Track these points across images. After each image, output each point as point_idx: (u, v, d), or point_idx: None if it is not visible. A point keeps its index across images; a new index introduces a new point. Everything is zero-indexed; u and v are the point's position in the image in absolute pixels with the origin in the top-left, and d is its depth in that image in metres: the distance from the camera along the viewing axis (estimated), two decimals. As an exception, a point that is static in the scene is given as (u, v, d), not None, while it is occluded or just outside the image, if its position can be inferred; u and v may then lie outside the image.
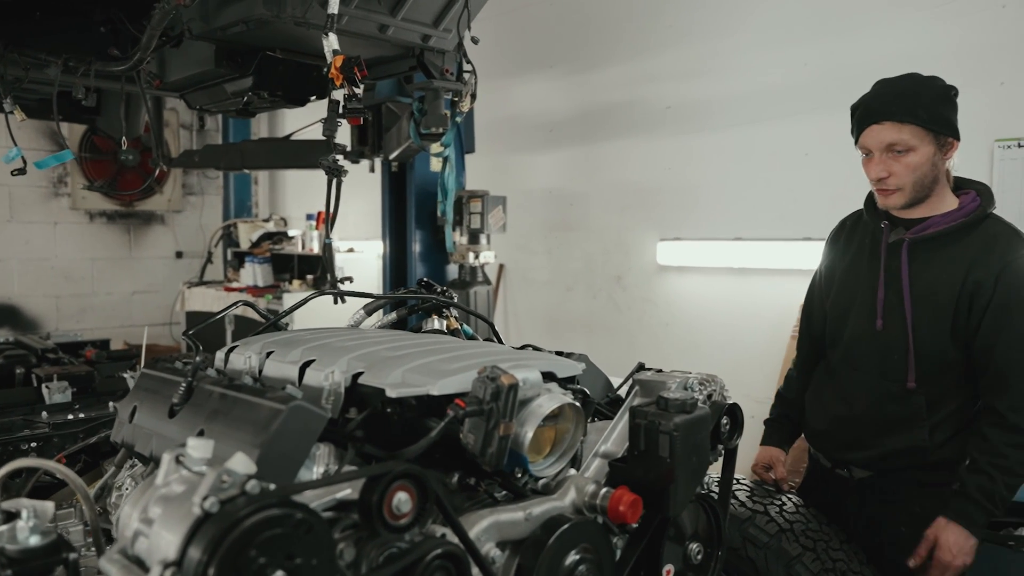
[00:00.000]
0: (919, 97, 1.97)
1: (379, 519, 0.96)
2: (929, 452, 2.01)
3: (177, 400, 1.32)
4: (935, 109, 1.96)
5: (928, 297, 2.00)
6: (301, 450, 1.13)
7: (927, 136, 1.95)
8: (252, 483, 0.88)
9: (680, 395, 1.32)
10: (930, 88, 2.00)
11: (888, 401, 2.06)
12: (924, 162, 1.96)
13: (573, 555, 1.20)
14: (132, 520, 0.95)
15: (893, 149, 1.98)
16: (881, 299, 2.05)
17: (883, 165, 1.99)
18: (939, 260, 1.99)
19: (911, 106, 1.95)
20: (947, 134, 1.97)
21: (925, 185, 1.99)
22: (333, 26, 2.18)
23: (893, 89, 2.02)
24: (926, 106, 1.95)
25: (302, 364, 1.38)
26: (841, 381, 2.17)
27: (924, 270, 2.01)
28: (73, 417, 2.60)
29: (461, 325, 1.86)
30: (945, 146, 1.98)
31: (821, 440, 2.24)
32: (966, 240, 1.98)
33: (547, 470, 1.27)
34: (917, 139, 1.95)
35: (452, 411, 1.13)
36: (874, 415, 2.08)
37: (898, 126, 1.96)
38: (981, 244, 1.96)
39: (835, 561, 1.96)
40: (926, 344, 2.00)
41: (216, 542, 0.81)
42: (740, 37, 4.27)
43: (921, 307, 2.01)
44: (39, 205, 6.86)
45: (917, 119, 1.95)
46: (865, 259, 2.13)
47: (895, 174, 1.99)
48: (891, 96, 2.01)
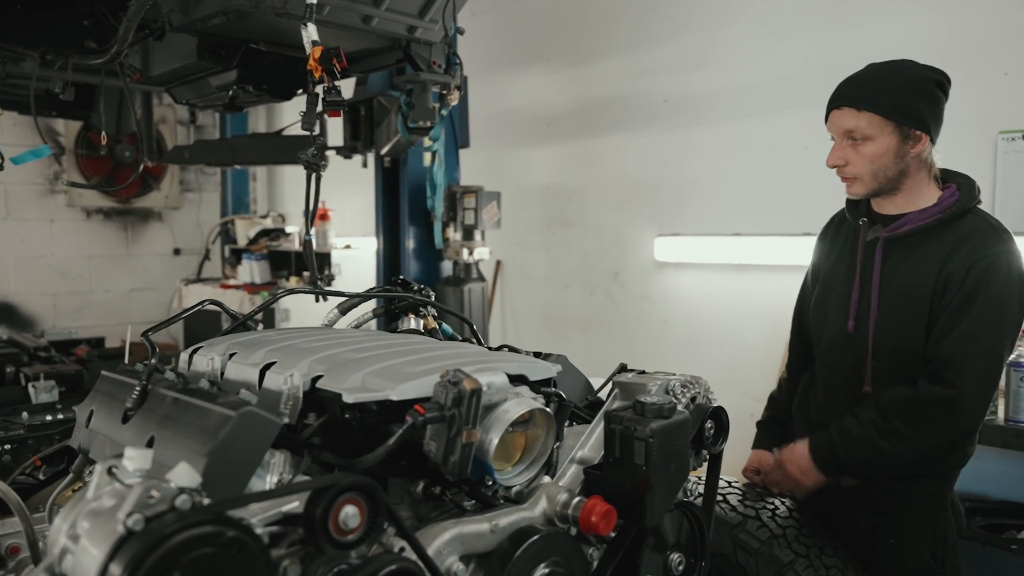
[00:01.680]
0: (888, 85, 1.87)
1: (324, 535, 0.90)
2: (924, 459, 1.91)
3: (131, 404, 1.27)
4: (902, 99, 1.85)
5: (901, 296, 1.91)
6: (252, 458, 1.07)
7: (887, 126, 1.85)
8: (183, 498, 0.82)
9: (658, 399, 1.25)
10: (906, 77, 1.89)
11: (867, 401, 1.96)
12: (883, 153, 1.87)
13: (542, 569, 1.14)
14: (61, 535, 0.89)
15: (851, 136, 1.90)
16: (855, 300, 1.97)
17: (840, 152, 1.93)
18: (913, 259, 1.91)
19: (873, 93, 1.86)
20: (912, 126, 1.86)
21: (888, 177, 1.90)
22: (312, 16, 2.12)
23: (865, 75, 1.94)
24: (893, 95, 1.85)
25: (263, 366, 1.32)
26: (821, 387, 2.09)
27: (897, 269, 1.93)
28: (52, 418, 2.56)
29: (440, 324, 1.80)
30: (911, 138, 1.87)
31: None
32: (942, 237, 1.88)
33: (516, 479, 1.21)
34: (876, 128, 1.86)
35: (411, 417, 1.07)
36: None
37: (855, 113, 1.87)
38: (956, 240, 1.86)
39: (828, 568, 1.89)
40: (895, 346, 1.92)
41: (136, 562, 0.75)
42: (738, 29, 4.19)
43: (892, 308, 1.92)
44: (35, 202, 6.81)
45: (877, 107, 1.85)
46: (845, 258, 2.05)
47: (851, 163, 1.91)
48: (857, 82, 1.92)
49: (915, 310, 1.88)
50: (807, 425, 2.12)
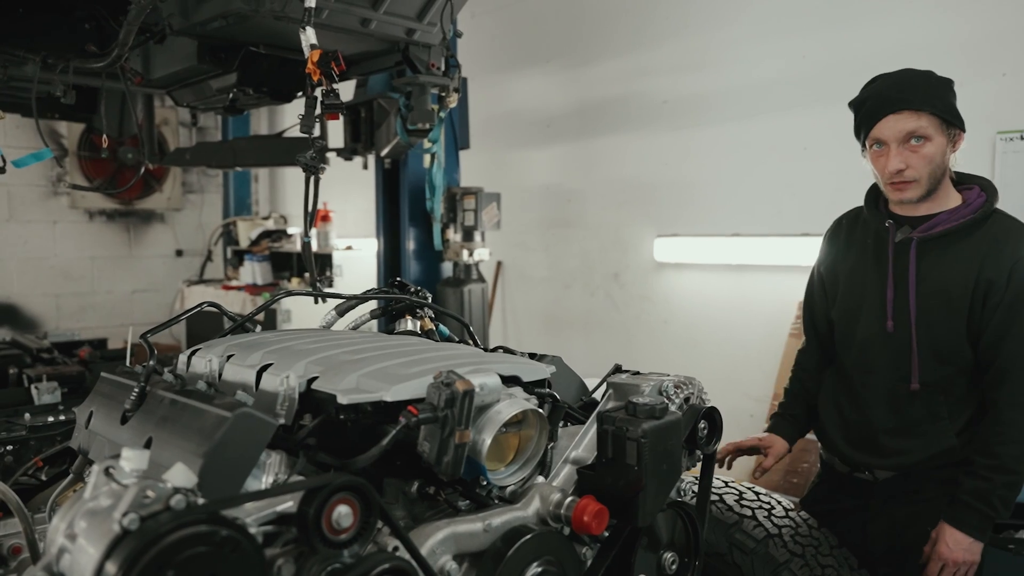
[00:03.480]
0: (931, 87, 1.93)
1: (317, 534, 0.91)
2: (957, 452, 1.97)
3: (129, 406, 1.28)
4: (947, 99, 1.93)
5: (939, 295, 1.95)
6: (248, 459, 1.09)
7: (941, 126, 1.92)
8: (177, 498, 0.83)
9: (650, 400, 1.26)
10: (939, 81, 1.96)
11: (906, 404, 2.00)
12: (938, 153, 1.92)
13: (535, 568, 1.15)
14: (58, 534, 0.91)
15: (911, 139, 1.91)
16: (891, 300, 2.00)
17: (901, 157, 1.92)
18: (949, 258, 1.95)
19: (927, 96, 1.91)
20: (958, 125, 1.94)
21: (936, 178, 1.95)
22: (310, 20, 2.14)
23: (904, 79, 1.97)
24: (941, 96, 1.92)
25: (259, 368, 1.33)
26: (855, 386, 2.11)
27: (934, 268, 1.96)
28: (55, 419, 2.58)
29: (436, 326, 1.81)
30: (954, 138, 1.94)
31: (838, 446, 2.16)
32: (975, 237, 1.93)
33: (509, 478, 1.22)
34: (934, 129, 1.91)
35: (404, 418, 1.09)
36: (894, 419, 2.03)
37: (917, 115, 1.90)
38: (991, 241, 1.91)
39: (824, 568, 1.90)
40: (938, 343, 1.96)
41: (131, 561, 0.77)
42: (737, 29, 4.20)
43: (931, 306, 1.96)
44: (38, 204, 6.84)
45: (935, 108, 1.90)
46: (871, 259, 2.06)
47: (912, 166, 1.92)
48: (907, 85, 1.95)
49: (954, 307, 1.93)
50: (841, 422, 2.15)
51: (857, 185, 2.34)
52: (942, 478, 1.99)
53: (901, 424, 2.02)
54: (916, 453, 2.00)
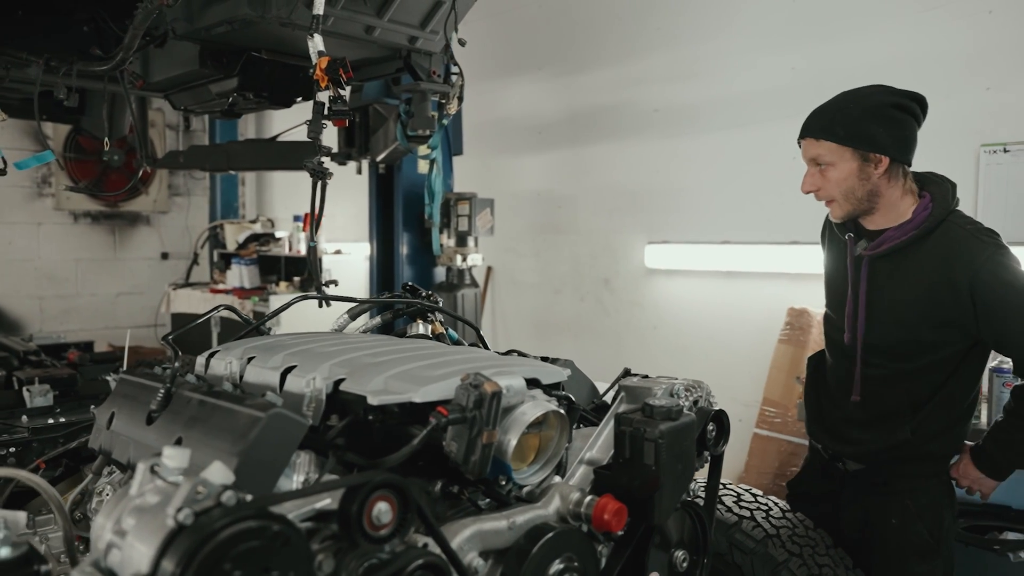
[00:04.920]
0: (844, 113, 2.00)
1: (358, 530, 0.94)
2: (916, 446, 2.08)
3: (155, 407, 1.30)
4: (858, 126, 1.97)
5: (891, 312, 2.04)
6: (281, 459, 1.12)
7: (845, 152, 1.98)
8: (228, 494, 0.86)
9: (666, 402, 1.30)
10: (863, 104, 2.00)
11: (871, 404, 2.13)
12: (846, 177, 1.99)
13: (557, 564, 1.18)
14: (105, 531, 0.93)
15: (817, 164, 2.03)
16: (849, 313, 2.12)
17: (810, 179, 2.06)
18: (900, 275, 2.03)
19: (828, 123, 2.00)
20: (870, 150, 1.97)
21: (859, 198, 2.02)
22: (318, 27, 2.17)
23: (826, 105, 2.07)
24: (848, 123, 1.97)
25: (283, 370, 1.36)
26: (829, 380, 2.27)
27: (887, 286, 2.06)
28: (54, 421, 2.57)
29: (446, 329, 1.85)
30: (872, 161, 1.98)
31: (815, 433, 2.32)
32: (923, 250, 2.00)
33: (531, 478, 1.25)
34: (836, 155, 1.99)
35: (435, 419, 1.12)
36: (860, 416, 2.15)
37: (816, 142, 2.02)
38: (942, 254, 1.98)
39: (821, 567, 1.96)
40: (895, 357, 2.07)
41: (190, 555, 0.80)
42: (728, 41, 4.28)
43: (883, 323, 2.06)
44: (23, 205, 6.78)
45: (833, 136, 1.98)
46: (840, 268, 2.20)
47: (822, 188, 2.04)
48: (819, 113, 2.05)
49: (907, 323, 2.02)
50: (818, 410, 2.30)
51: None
52: (905, 472, 2.12)
53: (864, 416, 2.14)
54: (875, 443, 2.12)
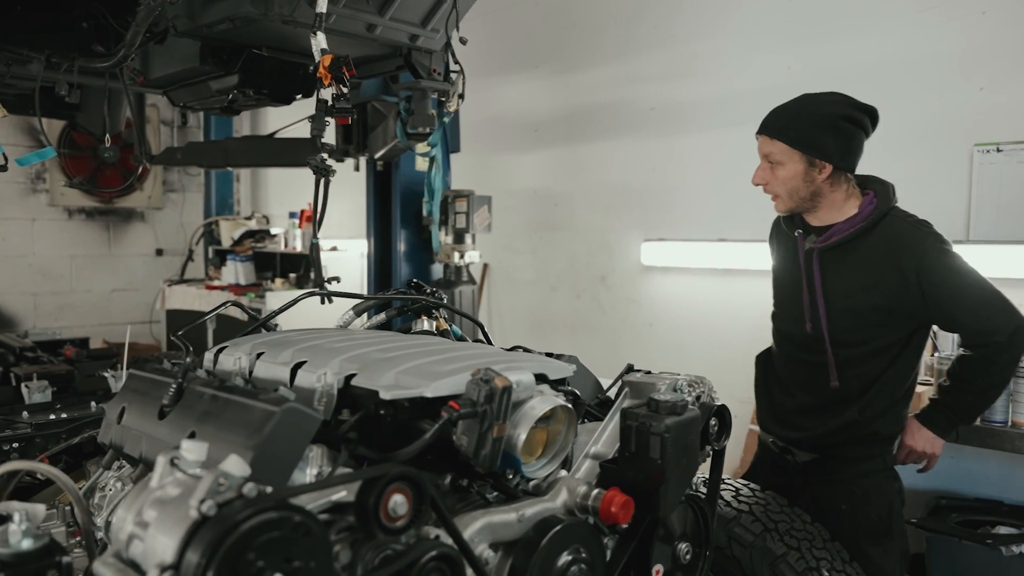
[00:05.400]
0: (797, 118, 2.16)
1: (375, 521, 0.96)
2: (862, 426, 2.21)
3: (167, 401, 1.32)
4: (808, 132, 2.13)
5: (844, 299, 2.18)
6: (294, 452, 1.13)
7: (795, 154, 2.14)
8: (249, 486, 0.88)
9: (671, 397, 1.33)
10: (814, 112, 2.15)
11: (822, 391, 2.26)
12: (793, 177, 2.16)
13: (565, 556, 1.21)
14: (127, 523, 0.95)
15: (768, 160, 2.19)
16: (806, 304, 2.25)
17: (760, 173, 2.23)
18: (849, 264, 2.18)
19: (783, 125, 2.16)
20: (816, 156, 2.12)
21: (802, 197, 2.19)
22: (321, 25, 2.18)
23: (784, 107, 2.22)
24: (800, 128, 2.14)
25: (293, 365, 1.38)
26: (780, 373, 2.39)
27: (837, 275, 2.20)
28: (56, 417, 2.57)
29: (450, 326, 1.87)
30: (817, 167, 2.14)
31: (770, 425, 2.43)
32: (869, 241, 2.16)
33: (539, 471, 1.28)
34: (785, 156, 2.15)
35: (446, 413, 1.14)
36: (812, 403, 2.29)
37: (770, 140, 2.18)
38: (887, 244, 2.14)
39: (819, 560, 1.98)
40: (847, 343, 2.20)
41: (214, 545, 0.81)
42: (724, 40, 4.30)
43: (838, 310, 2.20)
44: (17, 201, 6.76)
45: (785, 137, 2.15)
46: (789, 264, 2.32)
47: (770, 183, 2.21)
48: (776, 114, 2.21)
49: (856, 310, 2.17)
50: (771, 404, 2.43)
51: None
52: (852, 456, 2.26)
53: (818, 405, 2.28)
54: (824, 426, 2.25)
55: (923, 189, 3.58)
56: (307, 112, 3.79)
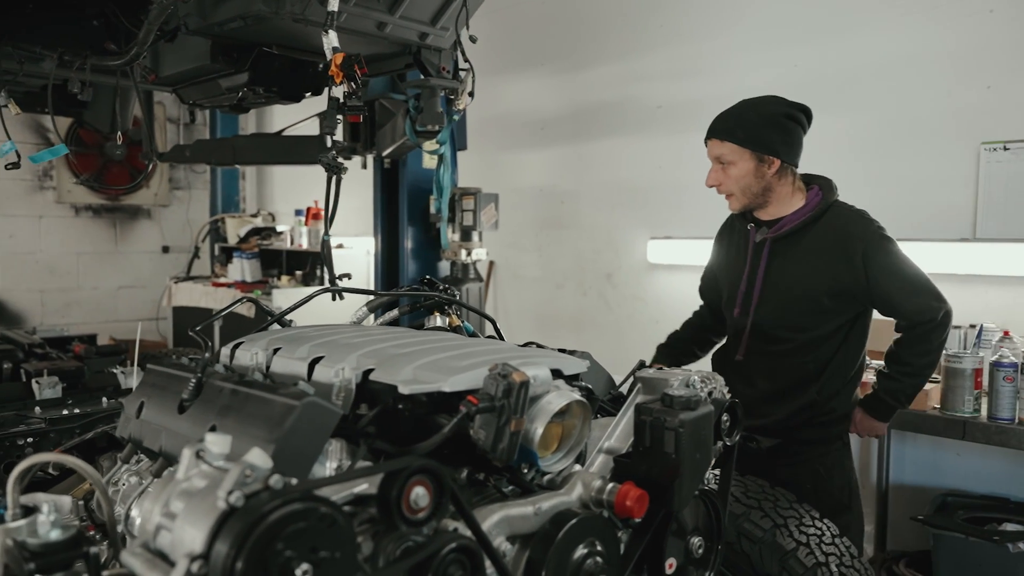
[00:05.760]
0: (743, 119, 2.34)
1: (398, 513, 0.98)
2: (820, 406, 2.38)
3: (187, 396, 1.33)
4: (755, 131, 2.31)
5: (791, 285, 2.35)
6: (315, 446, 1.15)
7: (744, 152, 2.31)
8: (275, 478, 0.89)
9: (684, 392, 1.34)
10: (760, 112, 2.34)
11: (780, 372, 2.41)
12: (745, 174, 2.33)
13: (581, 549, 1.22)
14: (154, 514, 0.96)
15: (719, 161, 2.37)
16: (742, 291, 2.44)
17: (714, 175, 2.41)
18: (800, 251, 2.36)
19: (731, 127, 2.34)
20: (764, 152, 2.30)
21: (755, 193, 2.36)
22: (333, 23, 2.19)
23: (729, 111, 2.40)
24: (747, 128, 2.32)
25: (311, 361, 1.39)
26: (736, 362, 2.51)
27: (787, 262, 2.37)
28: (68, 412, 2.59)
29: (463, 322, 1.88)
30: (765, 162, 2.31)
31: None
32: (818, 229, 2.34)
33: (555, 466, 1.29)
34: (736, 155, 2.33)
35: (465, 407, 1.15)
36: (771, 389, 2.43)
37: (720, 143, 2.36)
38: (835, 231, 2.31)
39: (828, 555, 2.00)
40: (790, 322, 2.37)
41: (243, 536, 0.83)
42: (731, 38, 4.31)
43: (777, 295, 2.37)
44: (24, 198, 6.79)
45: (734, 137, 2.32)
46: (738, 257, 2.49)
47: (723, 183, 2.38)
48: (722, 117, 2.40)
49: (808, 294, 2.33)
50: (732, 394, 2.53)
51: (844, 190, 2.47)
52: (813, 438, 2.42)
53: (775, 389, 2.42)
54: (785, 409, 2.40)
55: (930, 187, 3.60)
56: (313, 110, 3.81)
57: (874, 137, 3.77)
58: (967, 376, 2.85)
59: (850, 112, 3.83)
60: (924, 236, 3.44)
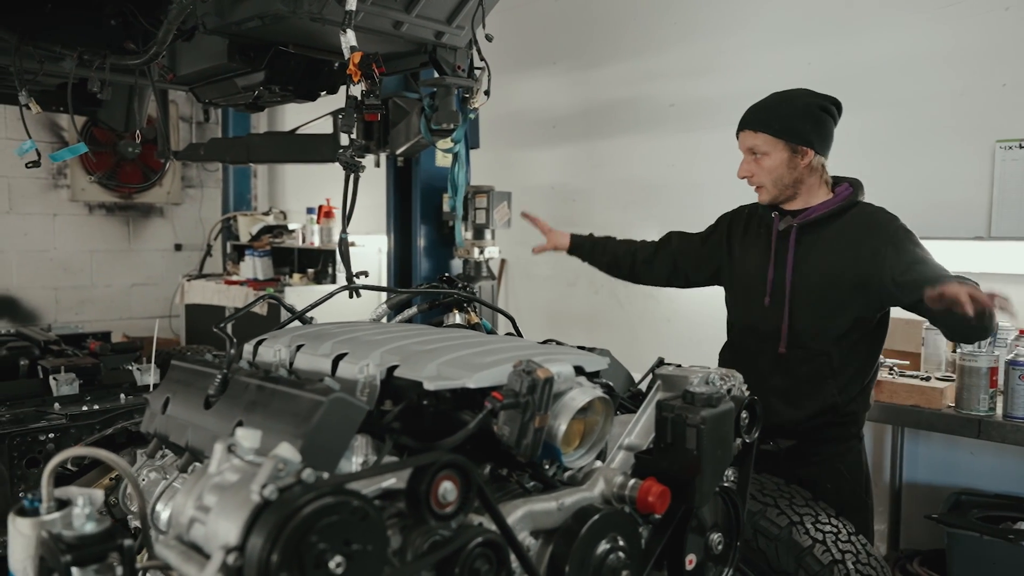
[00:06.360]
0: (777, 111, 2.34)
1: (427, 507, 0.99)
2: (840, 407, 2.33)
3: (213, 391, 1.35)
4: (789, 122, 2.32)
5: (814, 273, 2.32)
6: (342, 441, 1.16)
7: (779, 143, 2.32)
8: (308, 472, 0.91)
9: (706, 389, 1.35)
10: (794, 104, 2.35)
11: (795, 366, 2.35)
12: (778, 166, 2.33)
13: (604, 544, 1.23)
14: (187, 508, 0.98)
15: (753, 153, 2.37)
16: (770, 280, 2.39)
17: (746, 166, 2.41)
18: (825, 238, 2.34)
19: (766, 118, 2.34)
20: (798, 143, 2.31)
21: (786, 184, 2.36)
22: (351, 23, 2.21)
23: (762, 103, 2.40)
24: (781, 118, 2.32)
25: (335, 357, 1.41)
26: (748, 356, 2.47)
27: (811, 250, 2.35)
28: (88, 409, 2.62)
29: (481, 320, 1.89)
30: (799, 153, 2.32)
31: None
32: (843, 220, 2.34)
33: (577, 462, 1.30)
34: (770, 146, 2.33)
35: (490, 404, 1.16)
36: (783, 381, 2.37)
37: (754, 134, 2.36)
38: (862, 221, 2.31)
39: (844, 553, 2.00)
40: (815, 313, 2.32)
41: (278, 528, 0.84)
42: (744, 36, 4.31)
43: (806, 284, 2.33)
44: (38, 197, 6.83)
45: (769, 129, 2.32)
46: (761, 247, 2.46)
47: (755, 174, 2.38)
48: (753, 109, 2.40)
49: (839, 279, 2.28)
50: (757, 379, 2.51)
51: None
52: (832, 437, 2.38)
53: (790, 385, 2.36)
54: (804, 410, 2.35)
55: (945, 185, 3.59)
56: (325, 108, 3.81)
57: (888, 135, 3.76)
58: (982, 375, 2.84)
59: (864, 110, 3.82)
60: (938, 234, 3.43)
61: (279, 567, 0.83)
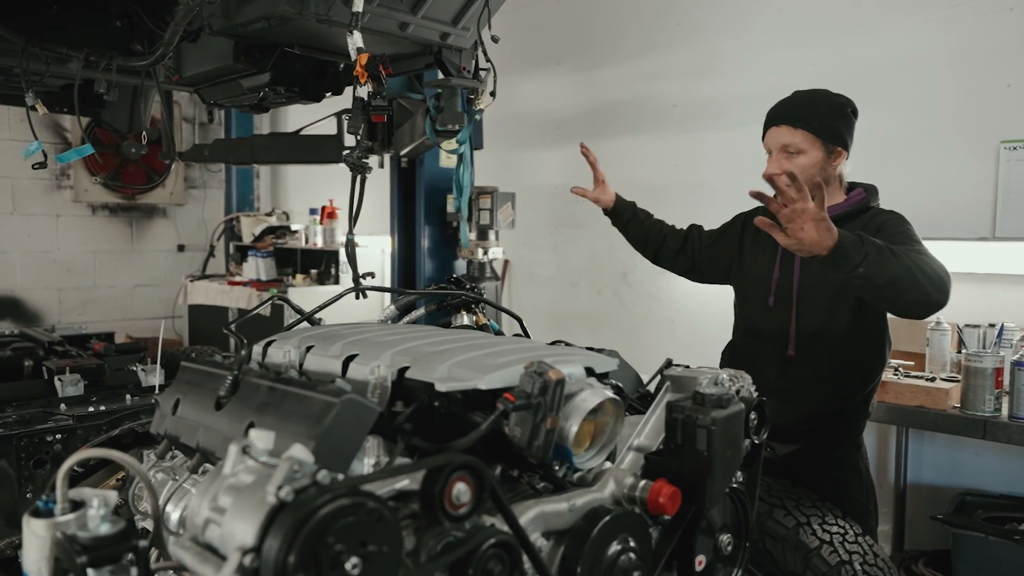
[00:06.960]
0: (815, 107, 2.26)
1: (440, 509, 0.99)
2: (839, 413, 2.32)
3: (224, 393, 1.35)
4: (828, 120, 2.24)
5: (821, 277, 2.22)
6: (354, 443, 1.16)
7: (817, 142, 2.24)
8: (323, 473, 0.91)
9: (716, 390, 1.35)
10: (828, 102, 2.28)
11: (793, 367, 2.33)
12: (812, 164, 2.24)
13: (615, 545, 1.23)
14: (202, 509, 0.98)
15: (787, 150, 2.26)
16: (775, 281, 2.36)
17: (776, 164, 2.27)
18: None
19: (806, 114, 2.24)
20: (835, 143, 2.25)
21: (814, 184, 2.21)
22: (358, 24, 2.21)
23: (796, 99, 2.32)
24: (820, 116, 2.24)
25: (345, 358, 1.41)
26: (748, 355, 2.47)
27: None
28: (94, 410, 2.63)
29: (489, 321, 1.90)
30: (833, 153, 2.26)
31: None
32: (851, 226, 2.20)
33: (589, 462, 1.30)
34: (808, 143, 2.24)
35: (502, 405, 1.17)
36: (781, 381, 2.33)
37: (792, 130, 2.25)
38: (871, 230, 2.18)
39: (851, 554, 2.00)
40: (817, 317, 2.29)
41: (295, 529, 0.84)
42: (748, 37, 4.31)
43: (812, 286, 2.28)
44: (41, 197, 6.84)
45: (809, 126, 2.23)
46: (769, 247, 2.41)
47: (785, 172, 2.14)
48: (792, 104, 2.31)
49: (837, 285, 2.18)
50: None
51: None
52: (831, 443, 2.35)
53: (788, 385, 2.31)
54: (800, 412, 2.29)
55: (949, 186, 3.59)
56: (329, 109, 3.82)
57: (892, 136, 3.76)
58: (988, 375, 2.85)
59: (868, 111, 3.80)
60: (943, 235, 3.43)
61: (296, 568, 0.83)
